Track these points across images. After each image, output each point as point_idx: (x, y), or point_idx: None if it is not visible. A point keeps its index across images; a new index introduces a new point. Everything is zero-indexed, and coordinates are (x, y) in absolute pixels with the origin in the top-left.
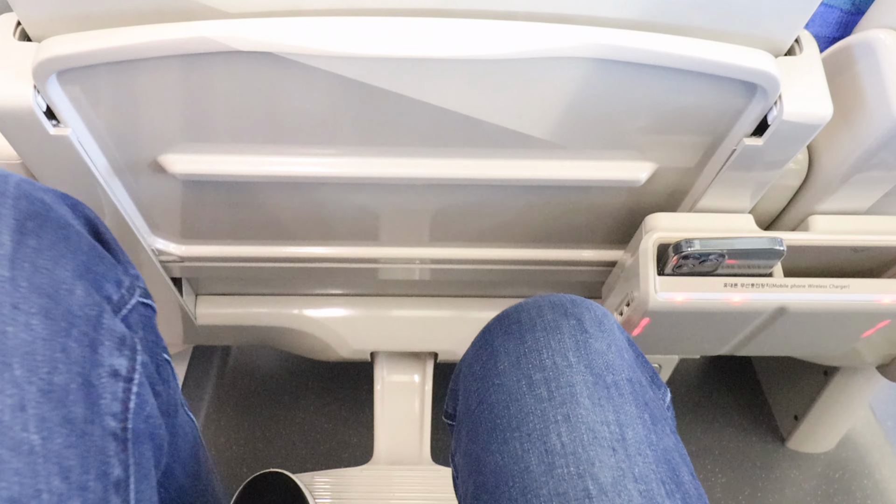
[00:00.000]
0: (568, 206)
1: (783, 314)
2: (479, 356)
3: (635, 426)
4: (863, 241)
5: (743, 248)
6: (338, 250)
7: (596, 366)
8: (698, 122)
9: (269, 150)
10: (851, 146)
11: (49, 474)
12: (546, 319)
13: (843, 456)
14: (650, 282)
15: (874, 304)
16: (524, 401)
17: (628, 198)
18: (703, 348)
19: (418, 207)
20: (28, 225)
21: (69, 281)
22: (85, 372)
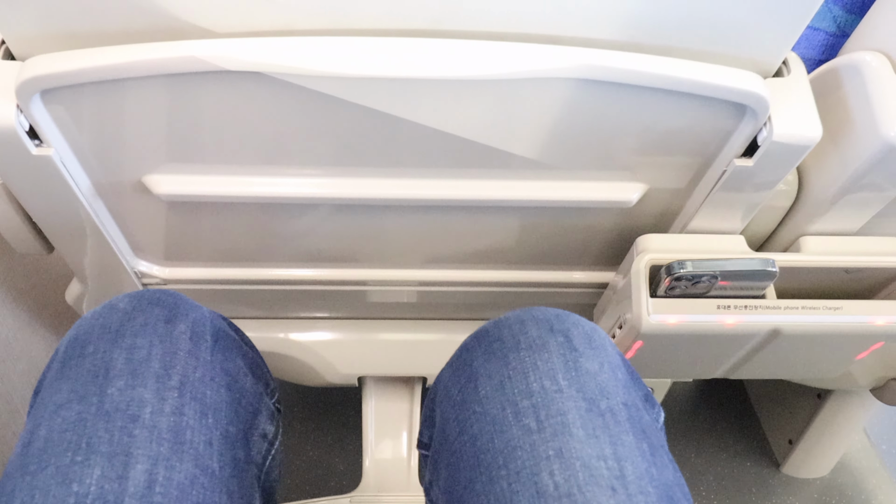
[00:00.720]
0: (559, 228)
1: (777, 336)
2: (458, 379)
3: (635, 459)
4: (855, 263)
5: (735, 270)
6: (326, 272)
7: (589, 389)
8: (688, 143)
9: (256, 170)
10: (840, 168)
11: (221, 492)
12: (531, 336)
13: (840, 482)
14: (643, 304)
15: (868, 325)
16: (510, 432)
17: (619, 219)
18: (697, 371)
19: (408, 229)
20: (219, 337)
21: (244, 369)
22: (247, 429)
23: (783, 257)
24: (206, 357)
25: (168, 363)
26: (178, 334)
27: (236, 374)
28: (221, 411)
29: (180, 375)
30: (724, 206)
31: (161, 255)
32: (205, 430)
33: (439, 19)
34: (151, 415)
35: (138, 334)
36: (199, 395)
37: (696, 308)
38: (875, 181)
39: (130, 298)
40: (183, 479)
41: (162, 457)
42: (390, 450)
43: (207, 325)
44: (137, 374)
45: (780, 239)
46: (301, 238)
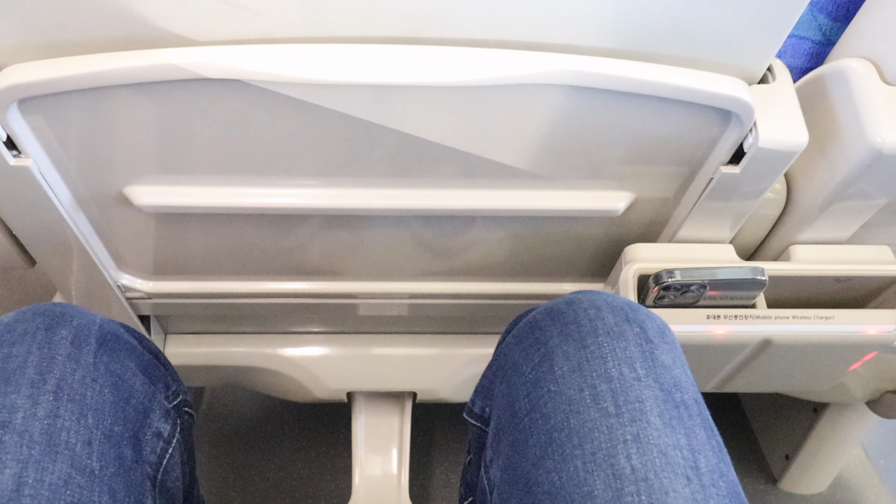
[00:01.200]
0: (547, 238)
1: (768, 346)
2: (530, 355)
3: (707, 454)
4: (845, 271)
5: (725, 279)
6: (314, 285)
7: (665, 381)
8: (675, 151)
9: (241, 181)
10: (828, 176)
11: (101, 491)
12: (608, 323)
13: (837, 497)
14: None
15: (860, 335)
16: (587, 414)
17: (607, 228)
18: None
19: (397, 241)
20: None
21: (133, 371)
22: (136, 428)
23: (773, 266)
24: (89, 360)
25: (45, 368)
26: (58, 340)
27: (124, 374)
28: (104, 411)
29: (57, 379)
30: (713, 215)
31: (144, 268)
32: (83, 431)
33: (420, 26)
34: (23, 419)
35: (15, 343)
36: (78, 396)
37: (686, 318)
38: (863, 189)
39: (17, 313)
40: (56, 479)
41: (33, 459)
42: (380, 467)
43: (93, 329)
44: (11, 382)
45: (770, 248)
46: (287, 250)
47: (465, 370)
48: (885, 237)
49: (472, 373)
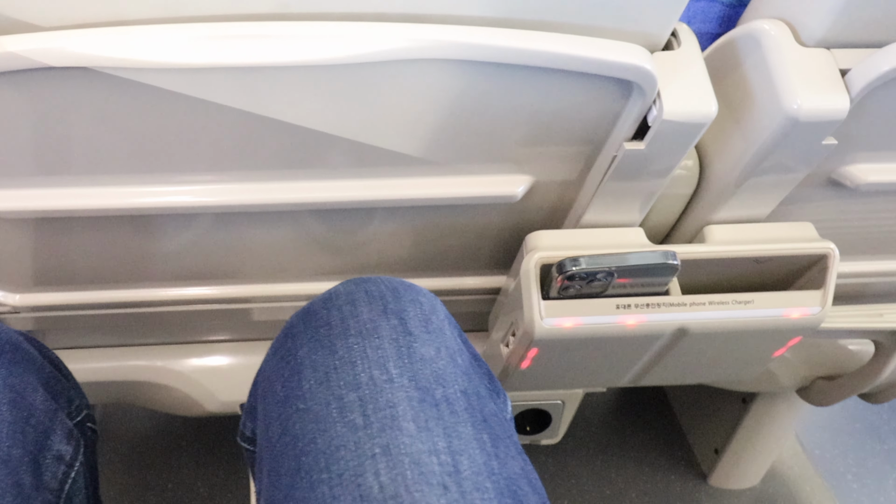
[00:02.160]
0: (446, 229)
1: (684, 336)
2: (281, 370)
3: (472, 453)
4: (764, 251)
5: (633, 265)
6: (204, 291)
7: (423, 378)
8: (574, 129)
9: (102, 180)
10: (743, 148)
11: None
12: (362, 320)
13: (771, 492)
14: (534, 307)
15: (782, 319)
16: (334, 430)
17: (508, 216)
18: (603, 379)
19: (291, 238)
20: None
21: (34, 385)
22: (36, 451)
23: (685, 249)
24: None
25: None
26: None
27: (23, 389)
28: (2, 431)
29: None
30: (619, 197)
31: (9, 280)
32: None
33: (287, 1)
34: None
35: None
36: None
37: (594, 309)
38: (781, 161)
39: None
40: None
41: None
42: None
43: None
44: None
45: (685, 230)
46: (164, 253)
47: None
48: (808, 213)
49: None
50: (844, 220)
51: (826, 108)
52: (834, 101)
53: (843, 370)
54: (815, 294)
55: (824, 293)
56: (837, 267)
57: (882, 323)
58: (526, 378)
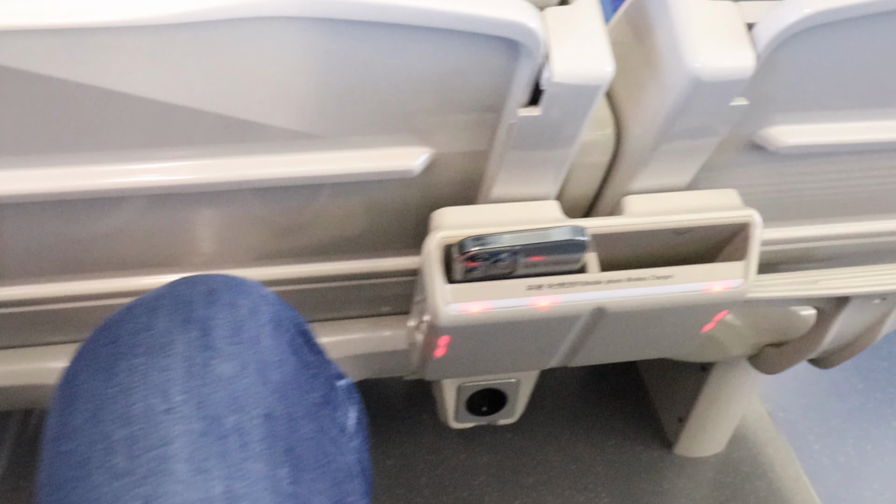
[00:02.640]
0: (347, 208)
1: (603, 316)
2: (56, 402)
3: (257, 496)
4: (682, 222)
5: (538, 242)
6: (59, 287)
7: (213, 403)
8: (466, 94)
9: None
10: (654, 111)
11: None
12: (155, 333)
13: (735, 456)
14: (437, 292)
15: (704, 293)
16: (93, 479)
17: (415, 192)
18: (529, 363)
19: (162, 224)
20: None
21: None
22: None
23: (596, 223)
24: None
25: None
26: None
27: None
28: None
29: None
30: (528, 168)
31: None
32: None
33: None
34: None
35: None
36: None
37: (503, 291)
38: (692, 124)
39: None
40: None
41: None
42: None
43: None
44: None
45: (606, 201)
46: (14, 246)
47: None
48: (734, 180)
49: None
50: (771, 185)
51: (730, 65)
52: (738, 59)
53: (792, 336)
54: (737, 265)
55: (747, 264)
56: (761, 235)
57: (817, 290)
58: (445, 366)
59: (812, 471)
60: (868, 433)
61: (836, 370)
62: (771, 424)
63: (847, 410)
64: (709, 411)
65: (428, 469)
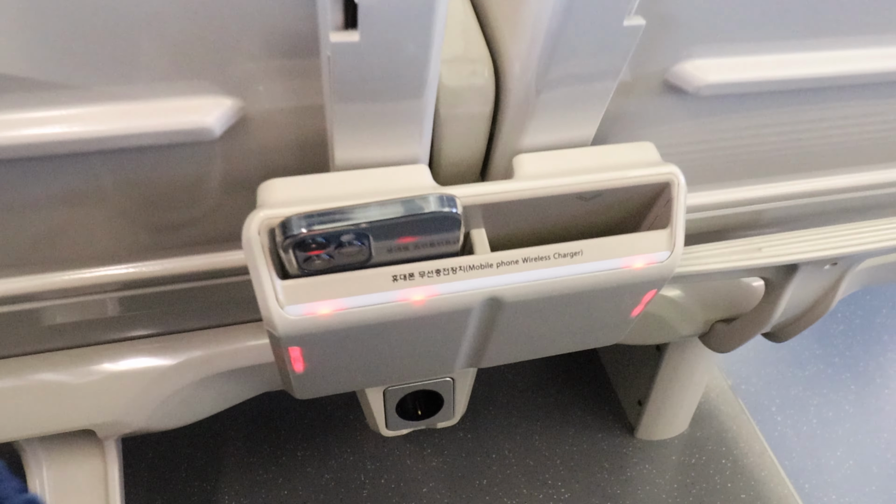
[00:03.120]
0: (148, 186)
1: (500, 308)
2: None
3: None
4: (587, 184)
5: (392, 218)
6: None
7: None
8: (262, 26)
9: None
10: (531, 38)
11: None
12: None
13: (699, 435)
14: (267, 291)
15: (622, 272)
16: None
17: (238, 163)
18: (426, 369)
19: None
20: None
21: None
22: None
23: (478, 189)
24: None
25: None
26: None
27: None
28: None
29: None
30: (371, 123)
31: None
32: None
33: None
34: None
35: None
36: None
37: (359, 285)
38: (581, 57)
39: None
40: None
41: None
42: None
43: None
44: None
45: (496, 164)
46: None
47: (158, 389)
48: (652, 135)
49: (172, 390)
50: (697, 140)
51: None
52: None
53: (744, 310)
54: (660, 235)
55: (671, 232)
56: (685, 196)
57: (760, 259)
58: (313, 382)
59: (776, 443)
60: (828, 399)
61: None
62: (734, 399)
63: (807, 378)
64: (667, 392)
65: (370, 480)
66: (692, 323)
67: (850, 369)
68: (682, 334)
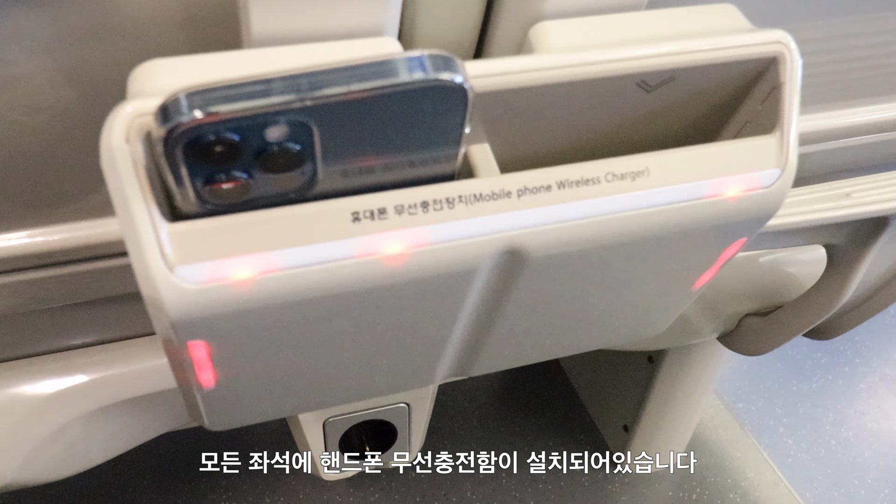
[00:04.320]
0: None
1: (520, 265)
2: None
3: None
4: (659, 58)
5: (343, 92)
6: None
7: None
8: None
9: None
10: None
11: None
12: None
13: (697, 465)
14: (146, 242)
15: (709, 203)
16: None
17: (77, 48)
18: (393, 381)
19: None
20: None
21: None
22: None
23: (486, 67)
24: None
25: None
26: None
27: None
28: None
29: None
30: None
31: None
32: None
33: None
34: None
35: None
36: None
37: (297, 228)
38: None
39: None
40: None
41: None
42: None
43: None
44: None
45: (503, 37)
46: None
47: (29, 429)
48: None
49: (48, 430)
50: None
51: None
52: None
53: (779, 300)
54: (763, 143)
55: (781, 139)
56: (799, 79)
57: (851, 208)
58: (234, 402)
59: (791, 472)
60: (844, 416)
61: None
62: (732, 420)
63: (814, 391)
64: (662, 413)
65: None
66: (715, 318)
67: (864, 379)
68: (702, 332)
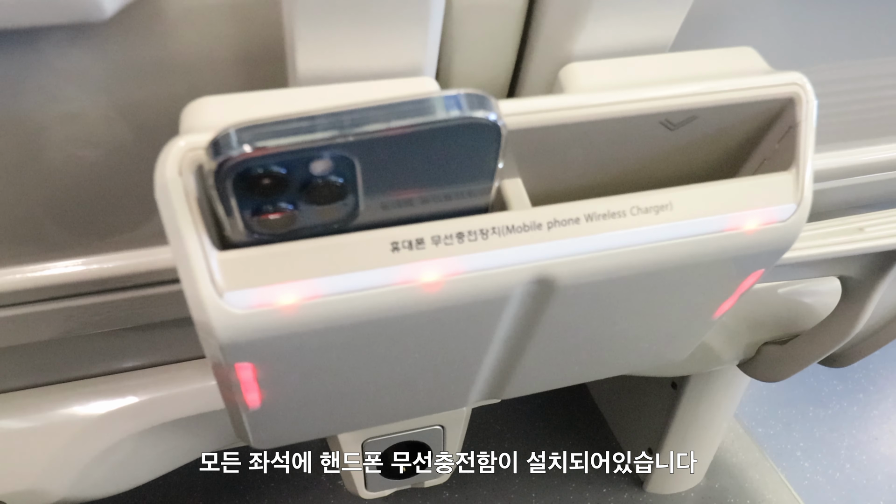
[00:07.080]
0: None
1: (550, 293)
2: None
3: None
4: (675, 98)
5: (384, 128)
6: None
7: None
8: None
9: None
10: None
11: None
12: None
13: (717, 487)
14: (197, 269)
15: (728, 236)
16: None
17: (133, 84)
18: (427, 402)
19: None
20: None
21: None
22: None
23: (517, 106)
24: None
25: None
26: None
27: None
28: None
29: None
30: (347, 12)
31: None
32: None
33: None
34: None
35: None
36: None
37: (339, 257)
38: None
39: None
40: None
41: None
42: None
43: None
44: None
45: (535, 78)
46: None
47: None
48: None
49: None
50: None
51: None
52: None
53: (796, 329)
54: (780, 180)
55: (797, 175)
56: (815, 118)
57: (863, 241)
58: (279, 422)
59: (808, 494)
60: (859, 441)
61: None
62: (752, 443)
63: (831, 417)
64: (685, 436)
65: None
66: (735, 346)
67: (878, 406)
68: (723, 359)
